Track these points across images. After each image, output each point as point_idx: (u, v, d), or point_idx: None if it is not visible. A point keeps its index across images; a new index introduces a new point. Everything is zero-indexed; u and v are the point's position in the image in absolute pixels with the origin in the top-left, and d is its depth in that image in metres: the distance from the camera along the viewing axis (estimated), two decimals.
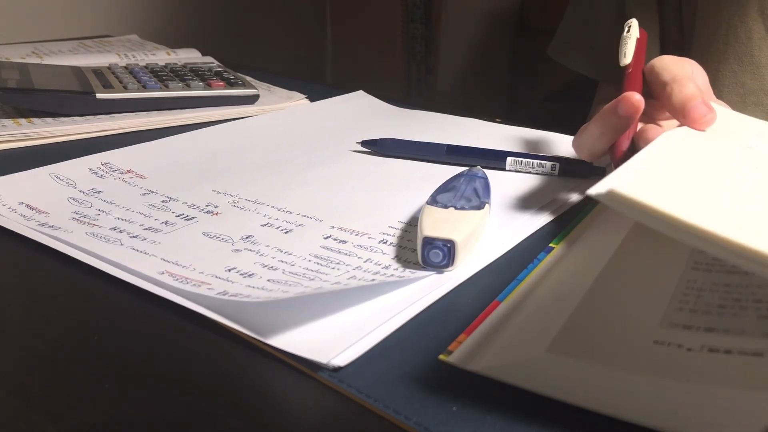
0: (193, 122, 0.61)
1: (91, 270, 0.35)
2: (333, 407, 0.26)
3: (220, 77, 0.66)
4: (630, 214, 0.24)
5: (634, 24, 0.45)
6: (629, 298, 0.31)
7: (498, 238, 0.39)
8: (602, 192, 0.24)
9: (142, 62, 0.77)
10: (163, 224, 0.40)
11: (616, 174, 0.27)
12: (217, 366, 0.28)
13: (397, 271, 0.35)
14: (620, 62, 0.43)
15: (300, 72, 1.63)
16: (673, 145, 0.35)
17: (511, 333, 0.29)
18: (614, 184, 0.24)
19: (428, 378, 0.27)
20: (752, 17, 0.57)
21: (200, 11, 1.42)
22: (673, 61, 0.42)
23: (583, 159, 0.46)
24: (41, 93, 0.57)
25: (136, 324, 0.31)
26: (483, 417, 0.25)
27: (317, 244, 0.37)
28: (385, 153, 0.53)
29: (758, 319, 0.27)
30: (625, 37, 0.44)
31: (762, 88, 0.58)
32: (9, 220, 0.39)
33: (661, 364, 0.26)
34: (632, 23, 0.45)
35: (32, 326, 0.31)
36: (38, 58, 0.77)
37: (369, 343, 0.29)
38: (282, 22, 1.60)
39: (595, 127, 0.42)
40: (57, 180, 0.46)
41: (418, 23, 1.61)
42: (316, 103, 0.67)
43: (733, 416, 0.23)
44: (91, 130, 0.57)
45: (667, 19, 0.66)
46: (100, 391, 0.27)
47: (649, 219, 0.24)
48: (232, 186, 0.46)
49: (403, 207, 0.43)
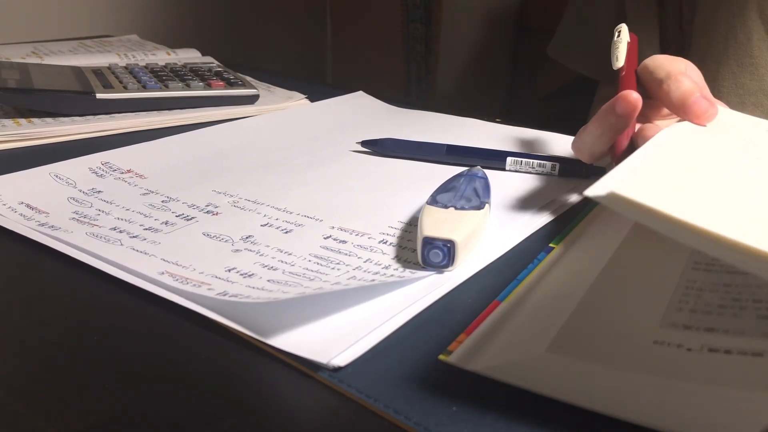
0: (193, 122, 0.61)
1: (91, 270, 0.35)
2: (333, 407, 0.26)
3: (220, 77, 0.66)
4: (628, 215, 0.24)
5: (624, 29, 0.46)
6: (629, 298, 0.31)
7: (498, 238, 0.39)
8: (601, 193, 0.24)
9: (142, 62, 0.77)
10: (163, 224, 0.40)
11: (613, 174, 0.27)
12: (217, 366, 0.28)
13: (397, 271, 0.35)
14: (613, 66, 0.44)
15: (300, 72, 1.63)
16: (671, 143, 0.34)
17: (511, 333, 0.29)
18: (612, 185, 0.24)
19: (428, 378, 0.27)
20: (752, 18, 0.57)
21: (200, 11, 1.42)
22: (665, 59, 0.42)
23: (583, 160, 0.46)
24: (41, 93, 0.57)
25: (136, 324, 0.31)
26: (483, 417, 0.25)
27: (317, 244, 0.37)
28: (385, 153, 0.53)
29: (758, 319, 0.27)
30: (616, 41, 0.45)
31: (761, 89, 0.58)
32: (9, 220, 0.39)
33: (661, 364, 0.26)
34: (622, 28, 0.46)
35: (32, 326, 0.31)
36: (38, 58, 0.77)
37: (369, 343, 0.29)
38: (282, 22, 1.60)
39: (594, 128, 0.42)
40: (57, 180, 0.46)
41: (418, 23, 1.61)
42: (316, 104, 0.67)
43: (733, 416, 0.23)
44: (91, 130, 0.57)
45: (666, 20, 0.66)
46: (100, 391, 0.27)
47: (648, 219, 0.24)
48: (232, 186, 0.46)
49: (403, 207, 0.43)
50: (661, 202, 0.24)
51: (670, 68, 0.41)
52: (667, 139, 0.34)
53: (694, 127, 0.38)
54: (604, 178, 0.25)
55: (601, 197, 0.24)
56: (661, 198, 0.24)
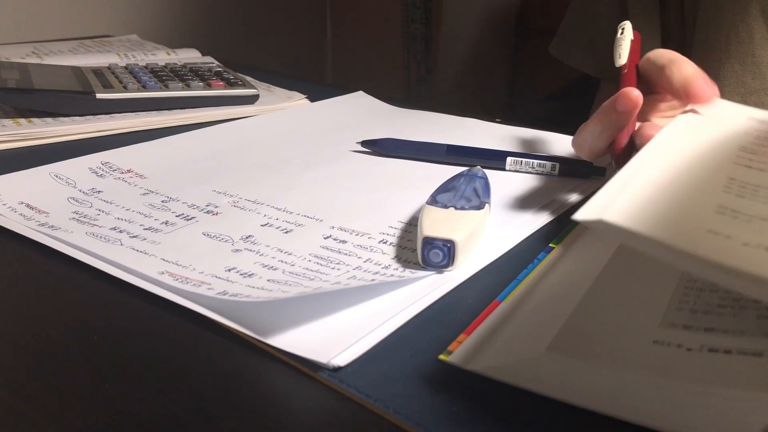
0: (193, 122, 0.61)
1: (91, 270, 0.35)
2: (333, 407, 0.26)
3: (220, 77, 0.66)
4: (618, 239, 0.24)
5: (628, 26, 0.46)
6: (629, 298, 0.31)
7: (498, 238, 0.39)
8: (590, 219, 0.24)
9: (142, 62, 0.77)
10: (163, 224, 0.40)
11: (602, 195, 0.26)
12: (217, 366, 0.28)
13: (397, 271, 0.35)
14: (615, 63, 0.44)
15: (300, 72, 1.63)
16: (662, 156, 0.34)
17: (511, 333, 0.29)
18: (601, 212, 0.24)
19: (428, 378, 0.27)
20: (754, 17, 0.57)
21: (200, 11, 1.42)
22: (666, 51, 0.42)
23: (583, 158, 0.46)
24: (41, 93, 0.57)
25: (136, 324, 0.31)
26: (483, 417, 0.25)
27: (317, 244, 0.37)
28: (385, 153, 0.53)
29: (758, 319, 0.27)
30: (619, 38, 0.45)
31: (763, 87, 0.58)
32: (9, 220, 0.39)
33: (661, 364, 0.26)
34: (626, 25, 0.46)
35: (32, 326, 0.31)
36: (38, 58, 0.77)
37: (369, 343, 0.29)
38: (282, 22, 1.60)
39: (594, 125, 0.42)
40: (57, 180, 0.46)
41: (418, 23, 1.61)
42: (316, 103, 0.67)
43: (733, 416, 0.23)
44: (91, 130, 0.57)
45: (668, 18, 0.66)
46: (100, 391, 0.27)
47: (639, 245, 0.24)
48: (232, 186, 0.46)
49: (403, 207, 0.43)
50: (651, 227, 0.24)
51: (672, 55, 0.41)
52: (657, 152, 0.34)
53: (685, 129, 0.38)
54: (593, 199, 0.25)
55: (589, 222, 0.24)
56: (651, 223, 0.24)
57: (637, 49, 0.46)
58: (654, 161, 0.32)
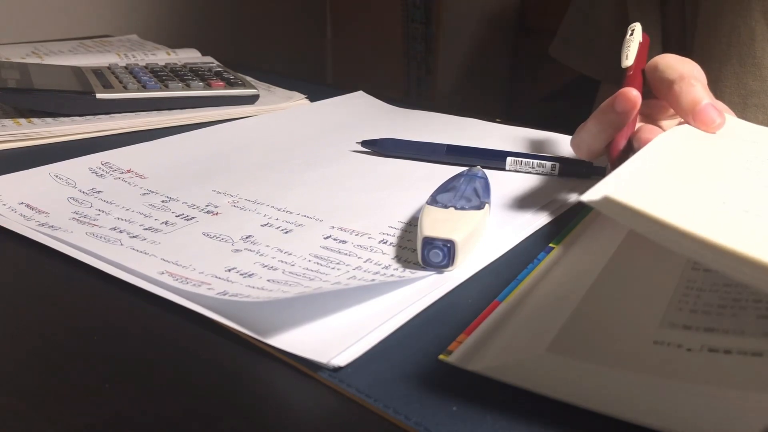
0: (193, 122, 0.61)
1: (91, 270, 0.35)
2: (333, 407, 0.26)
3: (220, 77, 0.66)
4: (622, 220, 0.24)
5: (638, 28, 0.46)
6: (629, 298, 0.31)
7: (498, 238, 0.39)
8: (595, 198, 0.24)
9: (142, 62, 0.77)
10: (163, 224, 0.40)
11: (609, 179, 0.27)
12: (217, 366, 0.28)
13: (397, 271, 0.35)
14: (622, 63, 0.44)
15: (300, 72, 1.63)
16: (669, 148, 0.34)
17: (511, 333, 0.29)
18: (606, 190, 0.24)
19: (428, 378, 0.27)
20: (755, 18, 0.57)
21: (200, 11, 1.42)
22: (676, 60, 0.42)
23: (582, 157, 0.46)
24: (41, 93, 0.57)
25: (136, 324, 0.31)
26: (483, 417, 0.25)
27: (317, 244, 0.37)
28: (385, 153, 0.53)
29: (758, 319, 0.27)
30: (628, 39, 0.45)
31: (764, 89, 0.58)
32: (9, 220, 0.39)
33: (661, 364, 0.26)
34: (636, 27, 0.46)
35: (32, 326, 0.31)
36: (38, 58, 0.77)
37: (369, 343, 0.29)
38: (282, 23, 1.60)
39: (593, 124, 0.42)
40: (57, 180, 0.46)
41: (418, 23, 1.61)
42: (316, 103, 0.67)
43: (733, 416, 0.23)
44: (91, 130, 0.57)
45: (669, 19, 0.66)
46: (99, 392, 0.27)
47: (642, 225, 0.24)
48: (232, 186, 0.46)
49: (403, 207, 0.43)
50: (656, 208, 0.24)
51: (683, 70, 0.41)
52: (665, 144, 0.34)
53: (693, 131, 0.38)
54: (600, 183, 0.25)
55: (595, 202, 0.24)
56: (656, 203, 0.24)
57: (645, 52, 0.46)
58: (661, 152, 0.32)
